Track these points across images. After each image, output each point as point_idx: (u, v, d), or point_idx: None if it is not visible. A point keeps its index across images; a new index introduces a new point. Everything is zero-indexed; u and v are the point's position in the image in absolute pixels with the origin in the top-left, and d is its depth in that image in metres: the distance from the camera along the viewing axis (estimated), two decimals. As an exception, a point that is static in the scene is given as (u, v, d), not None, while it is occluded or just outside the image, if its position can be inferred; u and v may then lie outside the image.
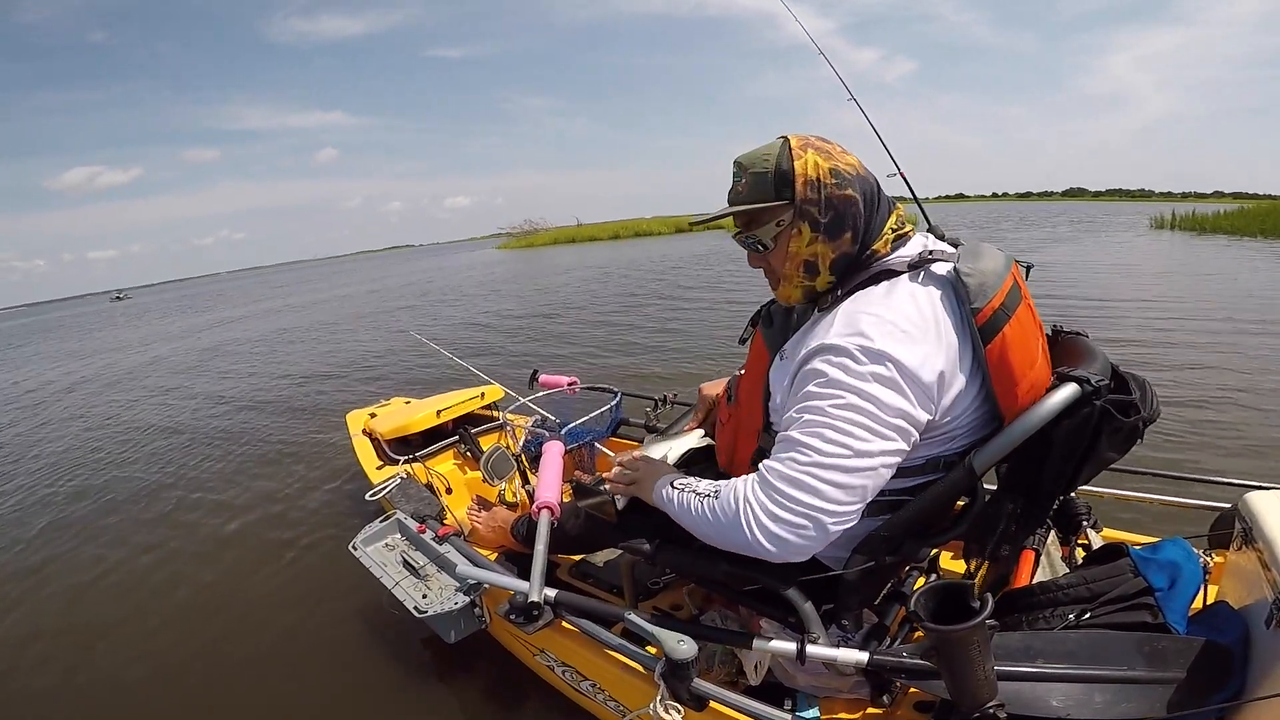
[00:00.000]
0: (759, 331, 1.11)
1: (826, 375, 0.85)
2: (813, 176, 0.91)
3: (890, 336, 0.83)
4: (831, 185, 0.91)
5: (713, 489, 0.96)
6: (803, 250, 0.94)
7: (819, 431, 0.84)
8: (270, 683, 1.82)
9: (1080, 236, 15.23)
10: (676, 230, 32.53)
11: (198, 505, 3.25)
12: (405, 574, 1.64)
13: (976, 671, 0.79)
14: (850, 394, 0.83)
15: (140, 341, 12.55)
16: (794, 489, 0.85)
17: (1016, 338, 0.89)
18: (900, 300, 0.88)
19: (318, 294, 20.27)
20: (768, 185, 0.93)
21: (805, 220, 0.92)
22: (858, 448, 0.83)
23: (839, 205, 0.92)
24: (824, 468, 0.84)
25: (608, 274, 14.26)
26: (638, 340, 6.36)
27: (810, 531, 0.85)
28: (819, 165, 0.91)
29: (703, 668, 1.24)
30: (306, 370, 6.74)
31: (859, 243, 0.94)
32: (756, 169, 0.94)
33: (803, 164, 0.91)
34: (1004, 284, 0.90)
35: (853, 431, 0.83)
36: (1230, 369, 3.98)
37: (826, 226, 0.92)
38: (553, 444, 1.59)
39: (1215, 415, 3.21)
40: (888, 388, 0.82)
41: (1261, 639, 0.90)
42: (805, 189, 0.91)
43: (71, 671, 1.97)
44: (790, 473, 0.85)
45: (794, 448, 0.86)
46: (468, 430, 2.52)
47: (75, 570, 2.66)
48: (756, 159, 0.94)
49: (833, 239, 0.93)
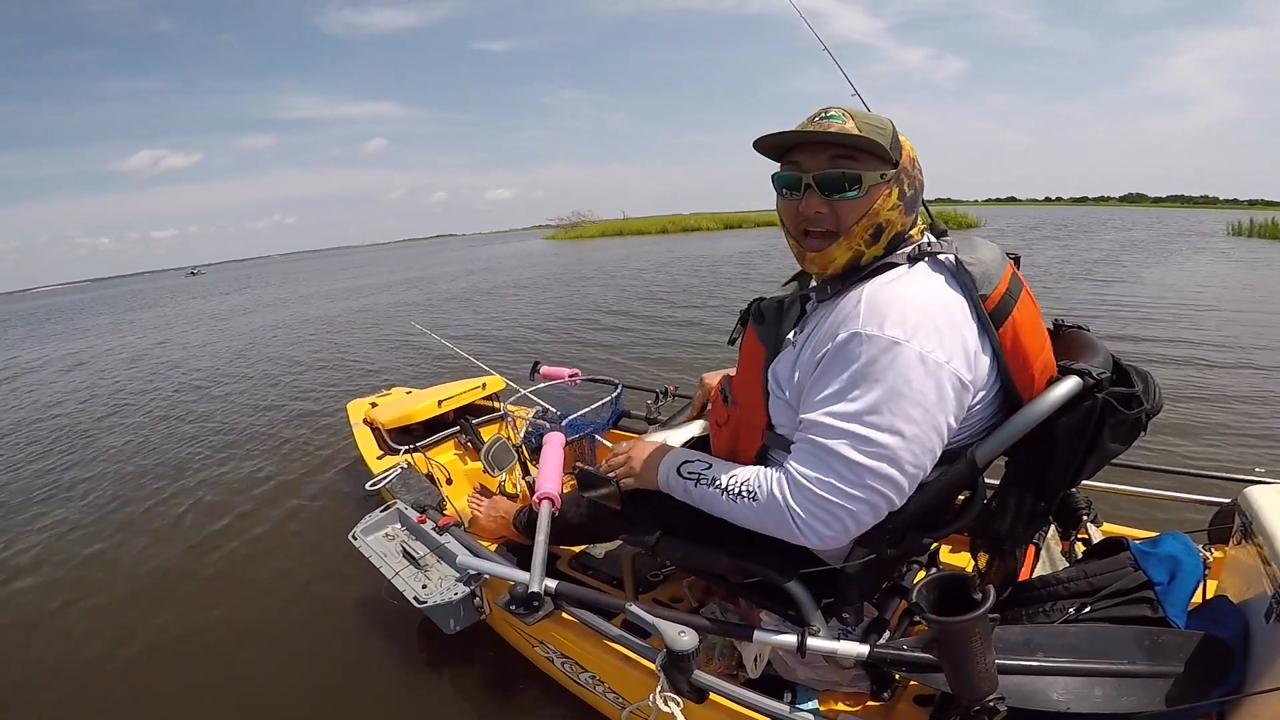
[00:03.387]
0: (751, 329, 1.10)
1: (862, 362, 0.84)
2: (913, 156, 0.96)
3: (921, 331, 0.83)
4: (919, 169, 0.97)
5: (743, 487, 0.96)
6: (884, 211, 0.92)
7: (849, 429, 0.84)
8: (268, 671, 1.83)
9: (1176, 246, 13.71)
10: (725, 226, 31.85)
11: (194, 491, 3.25)
12: (405, 564, 1.64)
13: (977, 664, 0.79)
14: (887, 385, 0.82)
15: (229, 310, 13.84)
16: (827, 492, 0.86)
17: (1026, 320, 0.92)
18: (925, 291, 0.88)
19: (396, 275, 20.13)
20: (887, 139, 0.91)
21: (899, 186, 0.93)
22: (894, 443, 0.83)
23: (919, 186, 0.97)
24: (855, 469, 0.84)
25: (696, 269, 12.80)
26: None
27: (847, 526, 0.88)
28: (912, 151, 0.96)
29: (702, 660, 1.25)
30: (325, 358, 6.75)
31: (912, 227, 0.99)
32: (873, 122, 0.92)
33: (907, 143, 0.96)
34: (1005, 271, 0.93)
35: (895, 425, 0.83)
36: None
37: (908, 201, 0.95)
38: (554, 435, 1.59)
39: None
40: (927, 378, 0.82)
41: (1261, 633, 0.90)
42: (907, 161, 0.94)
43: (58, 659, 1.97)
44: (822, 476, 0.87)
45: (823, 445, 0.86)
46: (469, 421, 2.52)
47: (67, 560, 2.65)
48: (870, 116, 0.93)
49: (906, 214, 0.96)
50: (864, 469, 0.84)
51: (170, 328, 11.84)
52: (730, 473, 0.99)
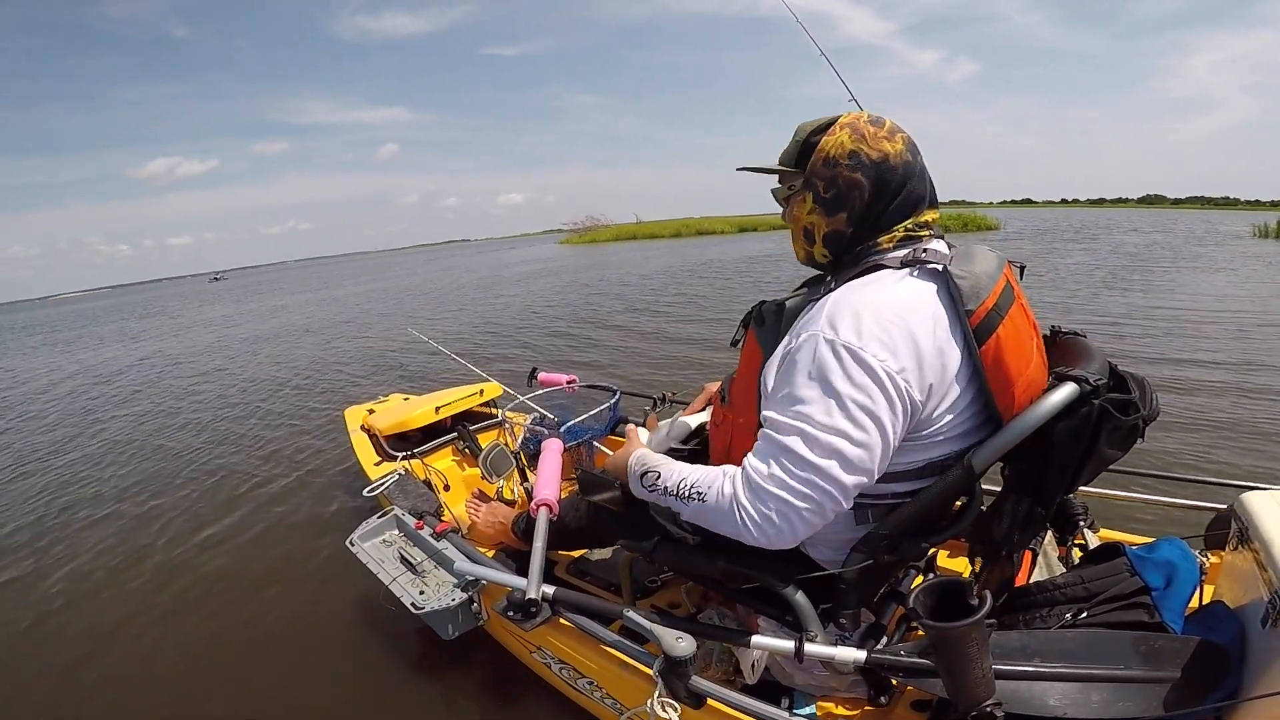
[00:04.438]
0: (751, 332, 1.11)
1: (815, 364, 0.86)
2: (831, 154, 0.97)
3: (874, 339, 0.84)
4: (844, 166, 0.96)
5: (691, 490, 0.98)
6: (803, 217, 1.03)
7: (801, 428, 0.86)
8: (264, 678, 1.82)
9: (1205, 249, 12.77)
10: (740, 230, 31.60)
11: (189, 498, 3.24)
12: (402, 570, 1.63)
13: (974, 670, 0.79)
14: (836, 388, 0.85)
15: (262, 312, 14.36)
16: (777, 488, 0.87)
17: (1011, 338, 0.90)
18: (890, 299, 0.89)
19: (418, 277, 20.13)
20: (793, 150, 1.02)
21: (809, 191, 1.00)
22: (841, 446, 0.85)
23: (843, 186, 0.97)
24: (805, 466, 0.86)
25: (724, 272, 12.30)
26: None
27: (794, 525, 0.88)
28: (842, 145, 0.96)
29: (700, 666, 1.25)
30: (325, 363, 6.75)
31: (853, 225, 0.98)
32: (797, 135, 1.03)
33: (831, 140, 0.97)
34: (996, 285, 0.91)
35: (842, 427, 0.84)
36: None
37: (826, 201, 0.98)
38: (552, 442, 1.59)
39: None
40: (874, 385, 0.84)
41: (1258, 638, 0.91)
42: (819, 163, 0.98)
43: (59, 668, 1.96)
44: (774, 471, 0.88)
45: (777, 441, 0.88)
46: (466, 427, 2.51)
47: (73, 562, 2.65)
48: (804, 126, 1.03)
49: (828, 215, 0.99)
50: (813, 467, 0.85)
51: (186, 331, 12.24)
52: (680, 477, 1.01)
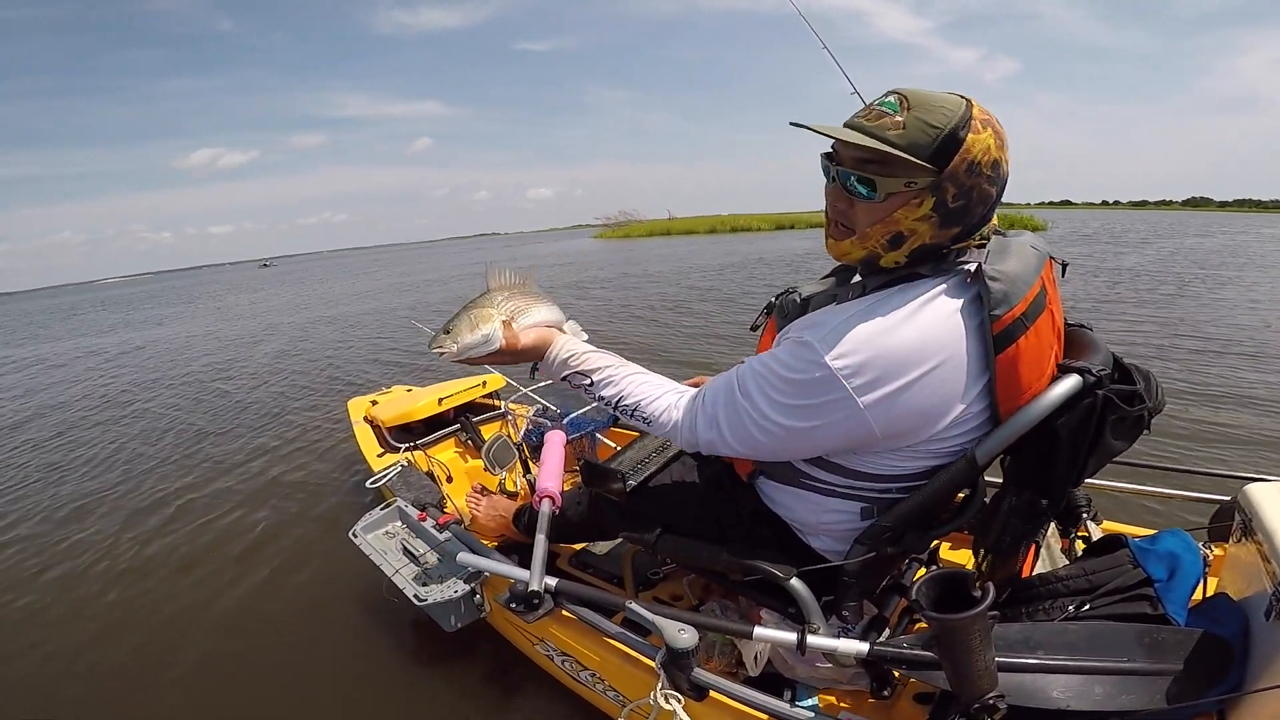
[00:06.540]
0: (773, 320, 1.11)
1: (800, 363, 0.86)
2: (978, 159, 0.80)
3: (865, 371, 0.82)
4: (985, 177, 0.82)
5: (637, 412, 1.01)
6: (907, 221, 0.84)
7: (765, 392, 0.89)
8: (267, 668, 1.83)
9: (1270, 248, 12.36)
10: (776, 227, 31.13)
11: (192, 486, 3.25)
12: (405, 561, 1.64)
13: (977, 662, 0.79)
14: (803, 393, 0.86)
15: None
16: (712, 405, 0.94)
17: (1030, 349, 0.86)
18: (903, 340, 0.82)
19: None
20: (929, 142, 0.80)
21: (935, 196, 0.82)
22: (788, 424, 0.88)
23: (975, 199, 0.83)
24: (752, 422, 0.90)
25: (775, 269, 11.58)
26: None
27: (718, 450, 0.96)
28: (989, 151, 0.81)
29: (702, 658, 1.25)
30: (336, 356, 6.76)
31: (958, 240, 0.87)
32: (926, 117, 0.80)
33: (979, 141, 0.80)
34: (1029, 291, 0.85)
35: (786, 421, 0.88)
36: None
37: (949, 213, 0.83)
38: (554, 433, 1.59)
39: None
40: (837, 411, 0.84)
41: (1261, 631, 0.90)
42: (962, 167, 0.80)
43: (49, 658, 1.97)
44: (724, 413, 0.93)
45: (741, 388, 0.92)
46: (469, 419, 2.51)
47: (69, 556, 2.66)
48: (931, 105, 0.81)
49: (944, 227, 0.85)
50: (744, 415, 0.90)
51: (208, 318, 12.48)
52: (618, 392, 1.02)
